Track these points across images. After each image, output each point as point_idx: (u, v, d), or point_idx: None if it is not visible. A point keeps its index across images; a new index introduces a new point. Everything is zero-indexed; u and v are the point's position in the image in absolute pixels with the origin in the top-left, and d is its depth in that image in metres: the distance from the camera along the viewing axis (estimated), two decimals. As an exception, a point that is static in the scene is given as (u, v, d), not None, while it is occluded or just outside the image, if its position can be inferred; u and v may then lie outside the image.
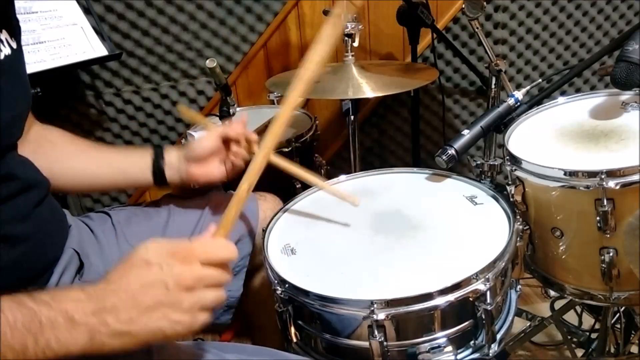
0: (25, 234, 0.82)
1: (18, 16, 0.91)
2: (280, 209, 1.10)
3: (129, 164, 1.05)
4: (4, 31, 0.84)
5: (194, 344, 0.83)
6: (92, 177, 1.04)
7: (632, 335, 1.29)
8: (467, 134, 1.11)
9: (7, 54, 0.83)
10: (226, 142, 1.06)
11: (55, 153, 1.02)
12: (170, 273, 0.63)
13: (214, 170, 1.06)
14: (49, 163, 0.99)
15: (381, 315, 0.78)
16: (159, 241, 0.66)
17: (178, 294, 0.62)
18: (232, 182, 1.35)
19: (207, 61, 1.29)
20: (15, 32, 0.88)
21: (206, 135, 1.06)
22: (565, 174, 0.93)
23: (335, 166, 1.92)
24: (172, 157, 1.06)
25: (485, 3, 1.33)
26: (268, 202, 1.20)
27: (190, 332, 0.64)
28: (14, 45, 0.86)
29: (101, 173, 1.04)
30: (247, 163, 1.04)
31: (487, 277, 0.82)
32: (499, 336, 0.87)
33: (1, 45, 0.82)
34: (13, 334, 0.57)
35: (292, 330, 0.90)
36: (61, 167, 1.01)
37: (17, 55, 0.87)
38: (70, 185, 1.04)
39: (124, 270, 0.64)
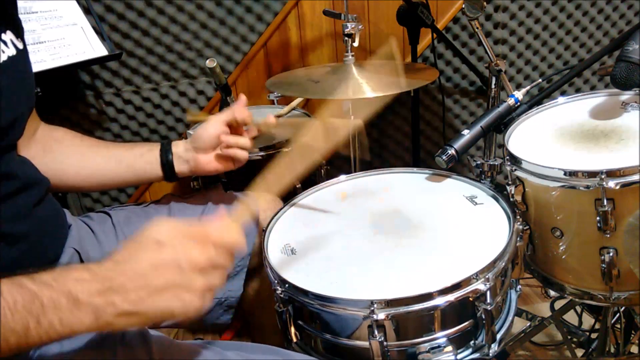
0: (25, 232, 0.82)
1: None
2: (280, 209, 1.10)
3: (138, 159, 1.05)
4: (8, 32, 0.84)
5: (194, 342, 0.83)
6: (101, 174, 1.04)
7: (632, 335, 1.29)
8: (467, 134, 1.11)
9: (11, 54, 0.83)
10: (231, 128, 1.06)
11: (63, 151, 1.02)
12: (183, 253, 0.63)
13: (220, 161, 1.06)
14: (58, 161, 1.00)
15: (381, 315, 0.78)
16: (169, 221, 0.66)
17: (191, 275, 0.62)
18: (232, 182, 1.36)
19: (207, 61, 1.29)
20: (20, 32, 0.88)
21: (210, 122, 1.06)
22: (565, 174, 0.94)
23: (335, 166, 1.92)
24: (180, 149, 1.07)
25: (485, 3, 1.33)
26: (268, 202, 1.20)
27: (197, 314, 0.63)
28: (20, 46, 0.86)
29: (110, 169, 1.04)
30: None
31: (487, 277, 0.82)
32: (499, 336, 0.87)
33: (5, 46, 0.82)
34: (14, 316, 0.56)
35: (292, 330, 0.90)
36: (70, 164, 1.01)
37: (23, 55, 0.87)
38: (80, 183, 1.04)
39: (134, 249, 0.64)
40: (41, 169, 0.92)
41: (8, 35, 0.84)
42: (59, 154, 1.01)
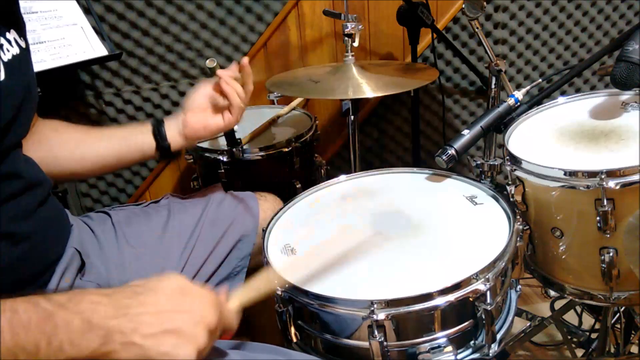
0: (28, 232, 0.82)
1: None
2: (280, 209, 1.10)
3: (129, 131, 1.07)
4: (12, 31, 0.85)
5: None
6: (95, 153, 1.04)
7: (632, 335, 1.30)
8: (467, 134, 1.11)
9: (15, 53, 0.83)
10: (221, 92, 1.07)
11: (59, 140, 1.02)
12: (202, 309, 0.65)
13: (212, 120, 1.07)
14: (55, 150, 1.00)
15: (381, 315, 0.78)
16: (189, 280, 0.68)
17: (200, 330, 0.63)
18: (232, 182, 1.36)
19: (207, 61, 1.29)
20: (23, 31, 0.88)
21: (200, 85, 1.08)
22: (565, 174, 0.94)
23: (335, 166, 1.92)
24: (171, 119, 1.08)
25: (485, 3, 1.33)
26: (268, 202, 1.21)
27: None
28: (23, 45, 0.86)
29: (105, 148, 1.05)
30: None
31: (487, 277, 0.82)
32: (499, 336, 0.87)
33: (10, 45, 0.82)
34: (27, 334, 0.57)
35: (292, 330, 0.90)
36: (67, 151, 1.02)
37: (26, 54, 0.87)
38: (78, 168, 1.04)
39: (157, 287, 0.65)
40: (37, 160, 0.92)
41: (12, 34, 0.84)
42: (56, 143, 1.02)
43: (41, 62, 1.26)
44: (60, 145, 1.02)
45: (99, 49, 1.36)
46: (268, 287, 0.82)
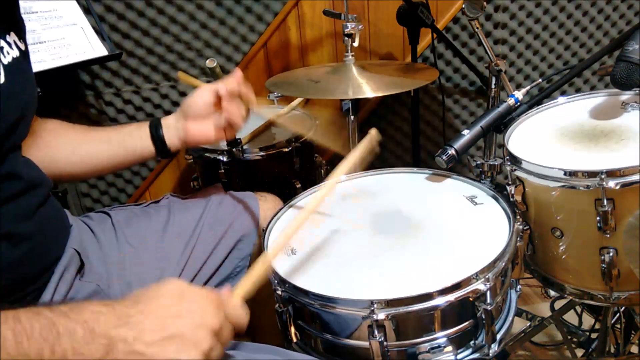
0: (28, 233, 0.82)
1: None
2: (281, 209, 1.10)
3: (128, 136, 1.06)
4: (12, 33, 0.85)
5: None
6: (92, 156, 1.04)
7: (632, 335, 1.30)
8: (467, 134, 1.11)
9: (15, 56, 0.83)
10: (221, 99, 1.05)
11: (56, 140, 1.02)
12: (203, 311, 0.64)
13: (210, 128, 1.06)
14: (52, 151, 1.00)
15: (381, 315, 0.78)
16: (189, 284, 0.68)
17: (203, 334, 0.63)
18: (232, 182, 1.36)
19: (207, 61, 1.29)
20: (22, 33, 0.88)
21: (201, 89, 1.05)
22: (565, 174, 0.94)
23: (335, 166, 1.92)
24: (169, 120, 1.07)
25: (485, 3, 1.34)
26: (268, 202, 1.20)
27: None
28: (22, 47, 0.87)
29: (101, 150, 1.04)
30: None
31: (487, 277, 0.82)
32: (499, 336, 0.87)
33: (10, 47, 0.82)
34: (30, 343, 0.57)
35: (292, 330, 0.90)
36: (64, 152, 1.02)
37: (25, 57, 0.87)
38: (73, 169, 1.04)
39: (156, 294, 0.65)
40: (35, 162, 0.92)
41: (12, 37, 0.84)
42: (53, 144, 1.01)
43: (41, 62, 1.26)
44: (58, 148, 1.02)
45: (99, 49, 1.36)
46: (264, 270, 0.80)
